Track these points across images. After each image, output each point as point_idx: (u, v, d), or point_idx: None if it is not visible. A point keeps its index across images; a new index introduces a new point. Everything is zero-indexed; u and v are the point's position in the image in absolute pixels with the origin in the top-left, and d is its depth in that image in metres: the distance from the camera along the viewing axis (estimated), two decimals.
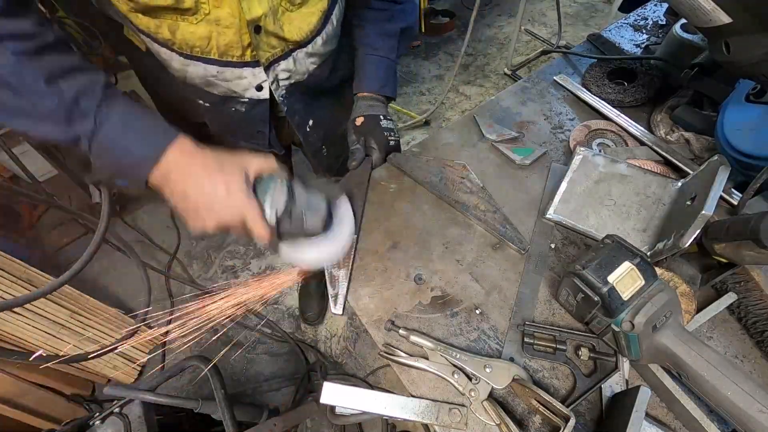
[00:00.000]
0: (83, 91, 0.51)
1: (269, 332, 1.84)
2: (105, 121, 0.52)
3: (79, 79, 0.52)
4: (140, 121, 0.54)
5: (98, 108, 0.51)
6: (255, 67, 0.72)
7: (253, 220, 0.54)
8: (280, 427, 1.02)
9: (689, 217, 0.60)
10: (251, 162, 0.57)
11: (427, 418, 0.58)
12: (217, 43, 0.65)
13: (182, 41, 0.64)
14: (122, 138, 0.52)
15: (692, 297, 0.62)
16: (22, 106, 0.50)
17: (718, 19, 0.60)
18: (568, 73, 1.02)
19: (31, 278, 1.36)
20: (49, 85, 0.49)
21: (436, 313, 0.69)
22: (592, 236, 0.73)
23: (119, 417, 0.82)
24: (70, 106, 0.50)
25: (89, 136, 0.51)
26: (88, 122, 0.51)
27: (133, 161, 0.53)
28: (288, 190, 0.58)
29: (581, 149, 0.80)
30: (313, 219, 0.60)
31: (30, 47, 0.49)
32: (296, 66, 0.77)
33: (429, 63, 2.99)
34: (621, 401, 0.57)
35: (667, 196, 0.73)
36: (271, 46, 0.71)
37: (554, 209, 0.76)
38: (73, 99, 0.50)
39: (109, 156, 0.54)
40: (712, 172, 0.62)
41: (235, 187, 0.53)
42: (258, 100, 0.79)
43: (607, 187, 0.76)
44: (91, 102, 0.51)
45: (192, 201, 0.54)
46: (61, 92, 0.50)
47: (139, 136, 0.53)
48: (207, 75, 0.71)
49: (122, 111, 0.53)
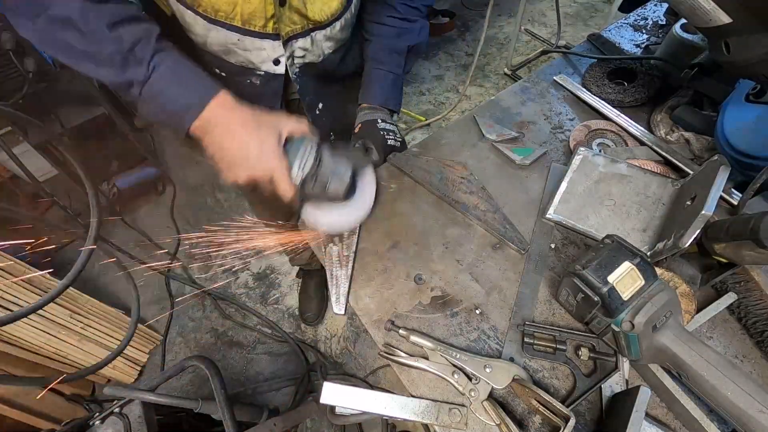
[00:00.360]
0: (139, 39, 0.55)
1: (269, 332, 1.84)
2: (156, 69, 0.56)
3: (137, 27, 0.56)
4: (188, 73, 0.58)
5: (152, 56, 0.56)
6: (275, 40, 0.72)
7: (280, 178, 0.59)
8: (280, 427, 1.02)
9: (689, 217, 0.60)
10: (286, 123, 0.62)
11: (427, 418, 0.58)
12: (242, 10, 0.65)
13: (208, 3, 0.64)
14: (170, 87, 0.57)
15: (692, 297, 0.62)
16: (86, 49, 0.54)
17: (718, 19, 0.60)
18: (568, 73, 1.02)
19: (31, 278, 1.36)
20: (111, 31, 0.54)
21: (436, 313, 0.69)
22: (592, 236, 0.73)
23: (119, 417, 0.82)
24: (127, 52, 0.55)
25: (141, 81, 0.56)
26: (141, 69, 0.56)
27: (178, 109, 0.57)
28: (316, 154, 0.62)
29: (581, 149, 0.80)
30: (336, 185, 0.64)
31: None
32: (313, 46, 0.78)
33: (429, 63, 2.99)
34: (621, 401, 0.57)
35: (667, 196, 0.73)
36: (293, 22, 0.71)
37: (554, 209, 0.76)
38: (131, 46, 0.55)
39: (157, 102, 0.58)
40: (712, 172, 0.62)
41: (268, 144, 0.59)
42: (273, 74, 0.79)
43: (607, 187, 0.76)
44: (146, 50, 0.56)
45: (228, 153, 0.58)
46: (120, 38, 0.54)
47: (185, 87, 0.58)
48: (227, 42, 0.71)
49: (172, 62, 0.57)
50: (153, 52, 0.57)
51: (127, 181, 2.16)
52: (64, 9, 0.52)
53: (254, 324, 1.88)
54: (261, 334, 1.85)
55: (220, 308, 1.93)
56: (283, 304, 1.94)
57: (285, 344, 1.80)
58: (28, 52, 1.44)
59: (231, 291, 2.00)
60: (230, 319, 1.90)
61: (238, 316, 1.91)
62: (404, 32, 0.87)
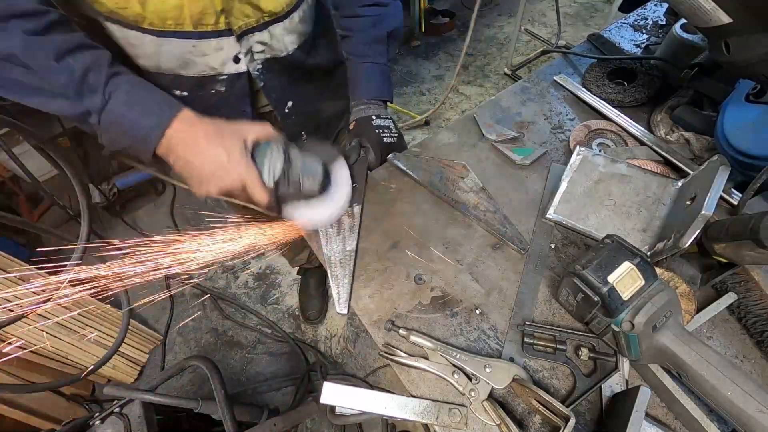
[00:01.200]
0: (91, 66, 0.54)
1: (269, 332, 1.84)
2: (113, 95, 0.55)
3: (87, 55, 0.54)
4: (146, 95, 0.57)
5: (106, 82, 0.54)
6: (231, 36, 0.70)
7: (252, 185, 0.58)
8: (280, 427, 1.02)
9: (689, 217, 0.60)
10: (249, 129, 0.61)
11: (427, 418, 0.58)
12: (191, 11, 0.63)
13: (154, 14, 0.61)
14: (129, 111, 0.56)
15: (692, 297, 0.62)
16: (35, 84, 0.53)
17: (718, 19, 0.60)
18: (568, 73, 1.02)
19: (31, 278, 1.36)
20: (60, 62, 0.52)
21: (436, 313, 0.69)
22: (592, 236, 0.73)
23: (119, 417, 0.82)
24: (80, 82, 0.53)
25: (99, 110, 0.55)
26: (97, 96, 0.54)
27: (140, 134, 0.56)
28: (284, 154, 0.62)
29: (581, 149, 0.80)
30: (309, 182, 0.64)
31: (38, 26, 0.52)
32: (273, 40, 0.75)
33: (429, 63, 2.99)
34: (621, 401, 0.57)
35: (667, 196, 0.73)
36: (245, 15, 0.69)
37: (554, 209, 0.76)
38: (83, 74, 0.53)
39: (117, 129, 0.57)
40: (712, 172, 0.62)
41: (234, 153, 0.57)
42: (237, 74, 0.76)
43: (607, 187, 0.76)
44: (99, 77, 0.54)
45: (196, 168, 0.58)
46: (71, 68, 0.53)
47: (145, 110, 0.56)
48: (183, 52, 0.69)
49: (129, 85, 0.56)
50: (107, 77, 0.55)
51: (127, 181, 2.16)
52: (6, 45, 0.50)
53: (254, 324, 1.88)
54: (261, 334, 1.85)
55: (220, 308, 1.93)
56: (283, 304, 1.94)
57: (285, 344, 1.80)
58: None
59: (231, 291, 2.00)
60: (230, 319, 1.90)
61: (238, 316, 1.91)
62: (380, 19, 0.85)
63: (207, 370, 0.87)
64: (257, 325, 1.88)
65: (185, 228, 2.23)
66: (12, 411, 1.30)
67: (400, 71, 2.93)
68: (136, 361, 1.72)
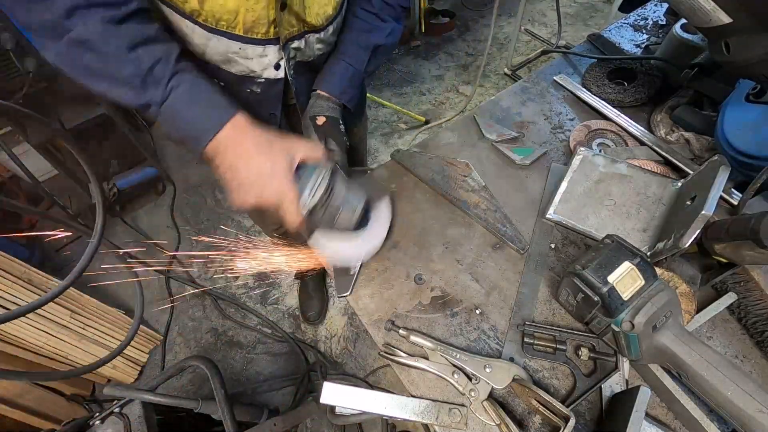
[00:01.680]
0: (159, 59, 0.55)
1: (269, 332, 1.84)
2: (174, 90, 0.56)
3: (157, 48, 0.56)
4: (205, 95, 0.58)
5: (170, 78, 0.56)
6: (276, 44, 0.72)
7: (288, 206, 0.58)
8: (280, 427, 1.02)
9: (689, 217, 0.60)
10: (299, 148, 0.60)
11: (427, 418, 0.58)
12: (244, 18, 0.65)
13: (209, 12, 0.63)
14: (187, 109, 0.57)
15: (692, 297, 0.62)
16: (104, 70, 0.55)
17: (718, 19, 0.60)
18: (568, 73, 1.02)
19: (31, 278, 1.36)
20: (130, 52, 0.54)
21: (436, 313, 0.69)
22: (592, 236, 0.73)
23: (119, 417, 0.82)
24: (145, 74, 0.55)
25: (159, 103, 0.56)
26: (159, 90, 0.56)
27: (193, 132, 0.57)
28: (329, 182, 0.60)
29: (581, 149, 0.80)
30: (346, 215, 0.62)
31: (116, 15, 0.53)
32: (306, 47, 0.78)
33: (429, 63, 2.99)
34: (621, 401, 0.57)
35: (667, 196, 0.73)
36: (291, 25, 0.71)
37: (554, 209, 0.76)
38: (150, 67, 0.55)
39: (174, 123, 0.58)
40: (712, 172, 0.62)
41: (279, 167, 0.57)
42: (275, 79, 0.79)
43: (607, 187, 0.76)
44: (164, 72, 0.56)
45: (239, 174, 0.58)
46: (139, 60, 0.54)
47: (201, 110, 0.57)
48: (228, 51, 0.70)
49: (190, 84, 0.57)
50: (171, 73, 0.57)
51: (127, 181, 2.15)
52: (84, 32, 0.52)
53: (254, 324, 1.88)
54: (261, 334, 1.85)
55: (220, 308, 1.93)
56: (283, 304, 1.94)
57: (285, 344, 1.80)
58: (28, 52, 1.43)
59: (231, 291, 2.00)
60: (230, 319, 1.90)
61: (238, 316, 1.91)
62: (374, 29, 0.85)
63: (207, 370, 0.87)
64: (257, 325, 1.88)
65: (185, 229, 2.23)
66: (12, 411, 1.30)
67: (400, 71, 2.93)
68: (136, 361, 1.72)
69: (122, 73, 0.55)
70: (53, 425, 1.36)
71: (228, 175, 0.59)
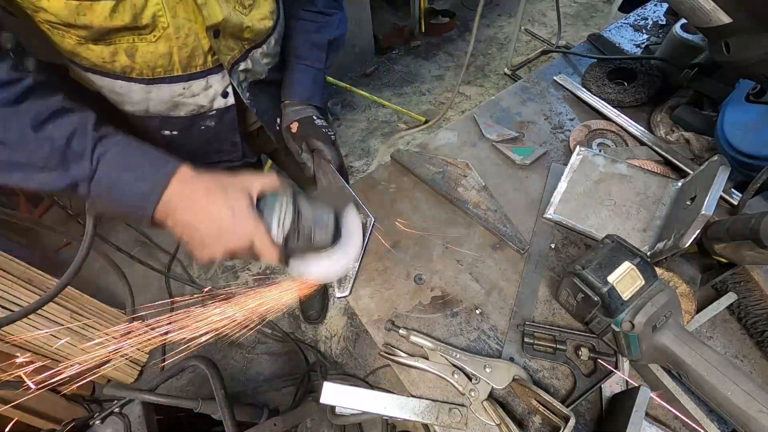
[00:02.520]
0: (74, 132, 0.49)
1: (269, 332, 1.84)
2: (101, 159, 0.49)
3: (68, 120, 0.49)
4: (138, 157, 0.52)
5: (93, 147, 0.49)
6: (218, 72, 0.71)
7: (261, 242, 0.52)
8: (280, 427, 1.02)
9: (689, 217, 0.60)
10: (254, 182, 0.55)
11: (427, 418, 0.58)
12: (179, 57, 0.63)
13: (143, 64, 0.61)
14: (121, 176, 0.50)
15: (692, 297, 0.62)
16: (14, 159, 0.48)
17: (718, 19, 0.60)
18: (568, 73, 1.02)
19: (31, 278, 1.36)
20: (37, 132, 0.47)
21: (436, 313, 0.69)
22: (592, 236, 0.73)
23: (119, 417, 0.82)
24: (63, 150, 0.48)
25: (87, 178, 0.49)
26: (84, 164, 0.48)
27: (135, 200, 0.50)
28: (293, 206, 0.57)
29: (581, 149, 0.80)
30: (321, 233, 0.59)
31: (10, 96, 0.47)
32: (254, 66, 0.76)
33: (429, 63, 2.99)
34: (621, 401, 0.57)
35: (667, 196, 0.73)
36: (230, 48, 0.69)
37: (554, 209, 0.76)
38: (66, 142, 0.48)
39: (110, 197, 0.51)
40: (712, 172, 0.62)
41: (239, 209, 0.52)
42: (225, 108, 0.77)
43: (607, 187, 0.76)
44: (84, 142, 0.49)
45: (198, 231, 0.52)
46: (51, 137, 0.48)
47: (138, 173, 0.50)
48: (173, 96, 0.69)
49: (118, 148, 0.51)
50: (94, 142, 0.49)
51: None
52: None
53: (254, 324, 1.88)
54: (261, 334, 1.85)
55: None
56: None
57: (285, 344, 1.80)
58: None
59: (231, 291, 2.00)
60: None
61: None
62: (323, 26, 0.85)
63: (207, 370, 0.87)
64: (257, 325, 1.88)
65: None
66: (12, 411, 1.30)
67: (400, 71, 2.93)
68: (136, 361, 1.72)
69: (35, 158, 0.47)
70: (53, 425, 1.35)
71: (186, 234, 0.52)
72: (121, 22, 0.55)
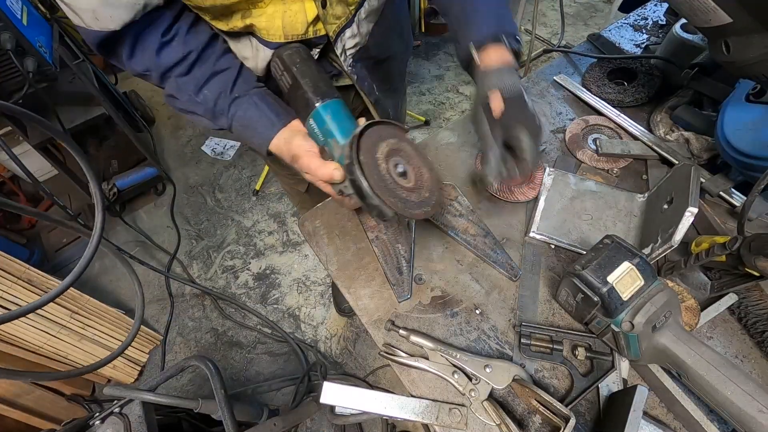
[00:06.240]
0: (219, 94, 0.66)
1: (269, 332, 1.85)
2: (234, 117, 0.68)
3: (216, 82, 0.66)
4: (254, 120, 0.68)
5: (229, 107, 0.67)
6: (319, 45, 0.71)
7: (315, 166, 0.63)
8: (280, 427, 1.02)
9: (672, 218, 0.61)
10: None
11: (427, 418, 0.58)
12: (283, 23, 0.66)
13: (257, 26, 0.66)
14: (245, 132, 0.69)
15: (697, 312, 0.62)
16: (189, 109, 0.69)
17: (718, 19, 0.60)
18: (569, 73, 1.02)
19: (31, 278, 1.36)
20: (198, 94, 0.66)
21: (436, 313, 0.69)
22: (577, 251, 0.73)
23: (119, 417, 0.82)
24: (212, 108, 0.67)
25: (228, 127, 0.69)
26: (225, 118, 0.68)
27: (255, 146, 0.70)
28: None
29: (550, 170, 0.81)
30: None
31: (184, 69, 0.64)
32: (359, 29, 0.72)
33: (429, 63, 2.99)
34: (618, 400, 0.57)
35: (636, 208, 0.75)
36: (336, 17, 0.68)
37: (536, 227, 0.75)
38: (214, 103, 0.67)
39: (242, 140, 0.74)
40: (684, 175, 0.64)
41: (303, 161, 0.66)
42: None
43: (581, 204, 0.77)
44: (224, 102, 0.67)
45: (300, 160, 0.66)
46: (205, 99, 0.66)
47: (253, 131, 0.69)
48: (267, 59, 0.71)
49: (242, 111, 0.67)
50: (230, 102, 0.67)
51: (127, 181, 2.16)
52: (168, 89, 0.67)
53: (254, 324, 1.88)
54: (261, 334, 1.85)
55: (220, 308, 1.93)
56: (283, 304, 1.94)
57: (285, 344, 1.80)
58: (28, 52, 1.43)
59: (231, 291, 2.00)
60: (230, 319, 1.90)
61: (238, 316, 1.91)
62: None
63: (207, 370, 0.87)
64: (257, 325, 1.88)
65: (186, 229, 2.23)
66: (12, 411, 1.30)
67: None
68: (136, 361, 1.72)
69: (199, 110, 0.68)
70: (53, 425, 1.36)
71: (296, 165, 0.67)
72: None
